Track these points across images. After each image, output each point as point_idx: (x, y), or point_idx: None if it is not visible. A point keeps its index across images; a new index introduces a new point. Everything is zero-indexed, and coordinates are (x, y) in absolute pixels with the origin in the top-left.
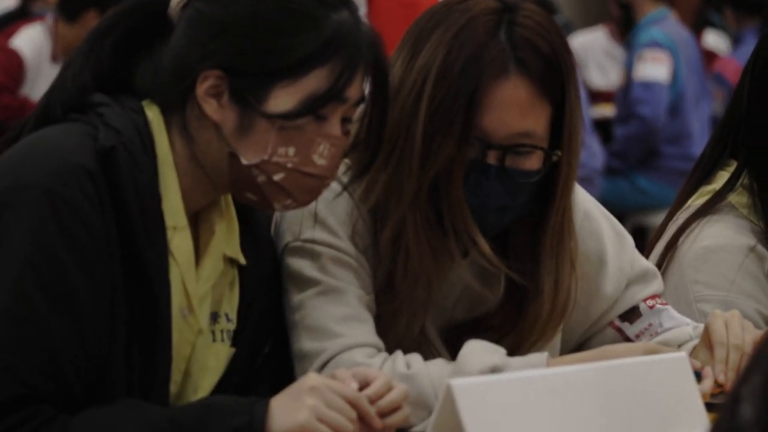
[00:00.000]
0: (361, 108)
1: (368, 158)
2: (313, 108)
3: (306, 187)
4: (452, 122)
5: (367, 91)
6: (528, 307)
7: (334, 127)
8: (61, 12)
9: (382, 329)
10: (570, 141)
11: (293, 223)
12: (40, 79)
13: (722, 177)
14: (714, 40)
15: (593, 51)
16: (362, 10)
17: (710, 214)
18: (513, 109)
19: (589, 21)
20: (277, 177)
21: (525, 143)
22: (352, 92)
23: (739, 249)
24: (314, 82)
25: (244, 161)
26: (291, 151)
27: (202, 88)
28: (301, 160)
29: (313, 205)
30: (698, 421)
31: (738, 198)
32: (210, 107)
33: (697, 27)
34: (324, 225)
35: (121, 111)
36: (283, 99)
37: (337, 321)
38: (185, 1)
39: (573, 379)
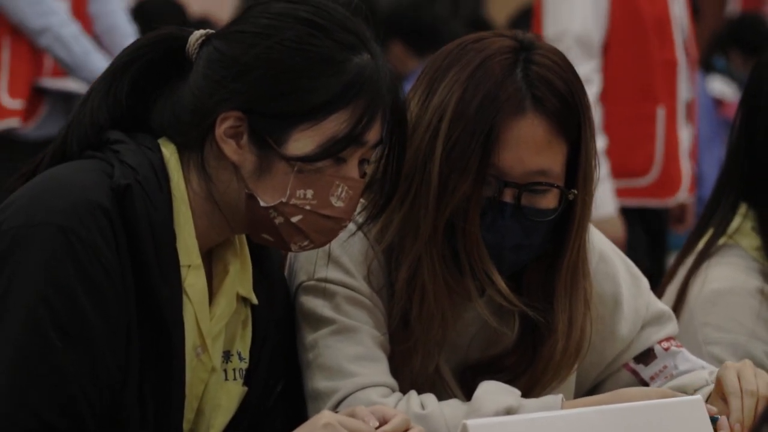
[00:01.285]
0: (378, 149)
1: (384, 199)
2: (333, 152)
3: (323, 229)
4: (469, 160)
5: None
6: (542, 347)
7: (352, 169)
8: None
9: (396, 368)
10: (585, 179)
11: (307, 263)
12: None
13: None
14: (720, 86)
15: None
16: None
17: (718, 255)
18: (530, 147)
19: None
20: (294, 219)
21: (541, 181)
22: (372, 135)
23: (749, 292)
24: (334, 125)
25: (263, 203)
26: (309, 193)
27: (221, 128)
28: (319, 202)
29: (327, 244)
30: None
31: (748, 241)
32: (229, 148)
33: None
34: (338, 264)
35: (136, 148)
36: (302, 142)
37: (351, 360)
38: (204, 39)
39: (588, 421)
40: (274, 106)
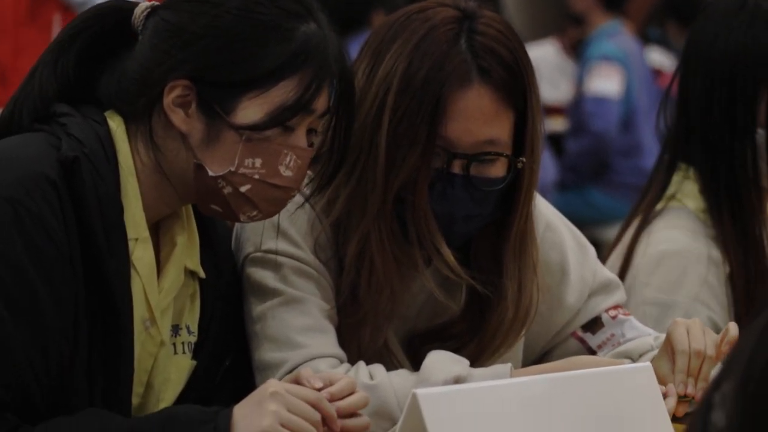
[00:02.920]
0: (325, 119)
1: (331, 171)
2: (281, 120)
3: (272, 199)
4: (416, 133)
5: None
6: (490, 314)
7: (300, 138)
8: None
9: (344, 341)
10: (532, 147)
11: (254, 234)
12: None
13: (676, 183)
14: (658, 56)
15: (543, 65)
16: None
17: (664, 217)
18: (477, 117)
19: (537, 34)
20: (243, 188)
21: (489, 151)
22: (320, 104)
23: (697, 257)
24: (282, 93)
25: (211, 173)
26: (258, 162)
27: (169, 98)
28: (268, 171)
29: (274, 216)
30: (664, 431)
31: (695, 203)
32: (177, 117)
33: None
34: (286, 236)
35: (83, 121)
36: (251, 110)
37: (299, 331)
38: (149, 10)
39: (538, 389)
40: (221, 74)
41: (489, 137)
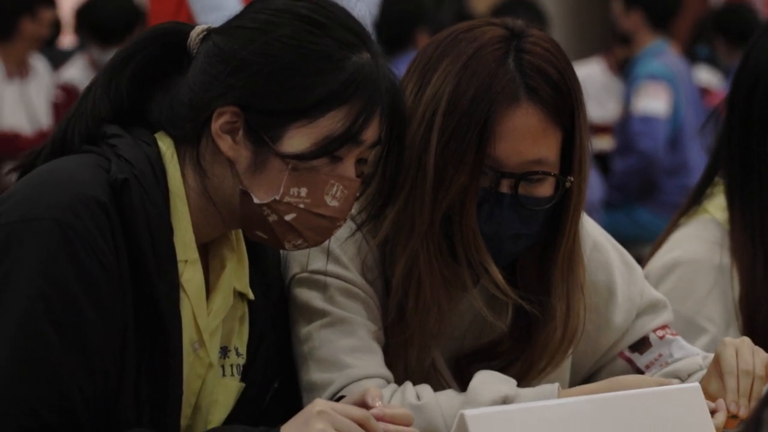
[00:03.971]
0: (377, 149)
1: (382, 201)
2: (329, 150)
3: (317, 228)
4: (464, 153)
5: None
6: (538, 334)
7: (348, 169)
8: None
9: (391, 361)
10: (580, 165)
11: (300, 254)
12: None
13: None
14: (706, 75)
15: (590, 84)
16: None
17: (689, 225)
18: (525, 136)
19: (584, 53)
20: (288, 217)
21: (537, 170)
22: (369, 135)
23: (707, 269)
24: (330, 123)
25: (256, 200)
26: (303, 191)
27: (217, 123)
28: (313, 201)
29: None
30: None
31: (722, 213)
32: (225, 144)
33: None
34: (332, 256)
35: (133, 142)
36: (298, 139)
37: (346, 352)
38: (205, 33)
39: (585, 410)
40: (270, 102)
41: (537, 157)
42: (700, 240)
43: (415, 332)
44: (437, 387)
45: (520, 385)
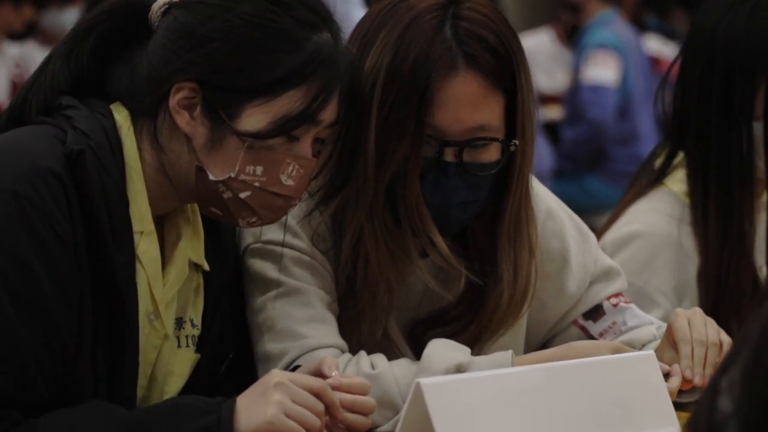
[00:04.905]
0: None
1: (340, 181)
2: (286, 129)
3: (272, 206)
4: (405, 123)
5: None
6: (488, 296)
7: (305, 148)
8: None
9: (344, 333)
10: (524, 129)
11: None
12: None
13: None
14: (655, 44)
15: (539, 53)
16: None
17: (647, 198)
18: (465, 104)
19: (532, 23)
20: (243, 195)
21: (481, 137)
22: (327, 115)
23: (666, 242)
24: (289, 103)
25: (212, 176)
26: (259, 170)
27: (175, 99)
28: (269, 179)
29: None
30: (667, 419)
31: (680, 186)
32: (182, 119)
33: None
34: (285, 227)
35: (89, 114)
36: (255, 118)
37: (301, 322)
38: (166, 7)
39: (541, 377)
40: (228, 79)
41: (479, 123)
42: (657, 213)
43: (366, 306)
44: (392, 357)
45: (474, 348)
